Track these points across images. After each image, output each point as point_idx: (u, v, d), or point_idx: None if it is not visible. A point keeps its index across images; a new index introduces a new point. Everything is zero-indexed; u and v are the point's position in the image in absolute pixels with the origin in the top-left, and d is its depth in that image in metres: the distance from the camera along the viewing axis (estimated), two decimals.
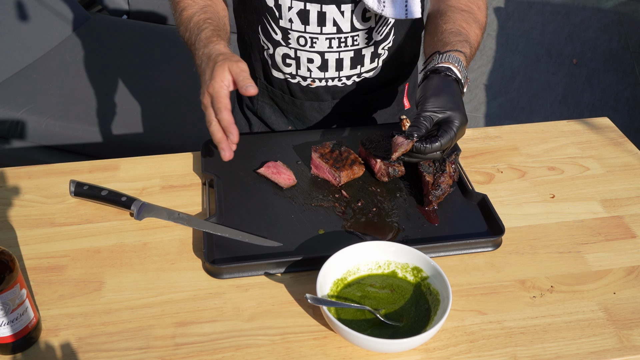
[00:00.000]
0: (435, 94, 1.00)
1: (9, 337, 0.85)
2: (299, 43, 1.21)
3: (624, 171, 1.24)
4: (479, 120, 3.25)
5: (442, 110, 0.99)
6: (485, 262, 1.03)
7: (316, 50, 1.22)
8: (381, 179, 1.15)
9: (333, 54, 1.22)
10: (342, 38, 1.20)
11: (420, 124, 0.99)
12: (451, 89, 1.02)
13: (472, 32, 1.14)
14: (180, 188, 1.17)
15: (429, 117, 0.99)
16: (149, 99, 2.38)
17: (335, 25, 1.18)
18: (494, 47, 3.90)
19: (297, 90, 1.30)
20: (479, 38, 1.16)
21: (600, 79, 3.60)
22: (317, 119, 1.34)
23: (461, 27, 1.13)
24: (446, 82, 1.02)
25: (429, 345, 0.89)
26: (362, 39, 1.21)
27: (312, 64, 1.24)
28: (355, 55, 1.24)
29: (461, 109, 1.00)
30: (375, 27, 1.21)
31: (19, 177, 1.19)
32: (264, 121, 1.41)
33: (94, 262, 1.02)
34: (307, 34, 1.19)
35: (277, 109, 1.37)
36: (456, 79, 1.04)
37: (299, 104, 1.32)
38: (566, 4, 4.43)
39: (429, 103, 1.00)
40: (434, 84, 1.02)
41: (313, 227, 1.06)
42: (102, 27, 2.85)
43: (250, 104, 1.42)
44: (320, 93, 1.30)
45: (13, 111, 2.31)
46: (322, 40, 1.20)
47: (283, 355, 0.88)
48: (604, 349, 0.89)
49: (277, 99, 1.35)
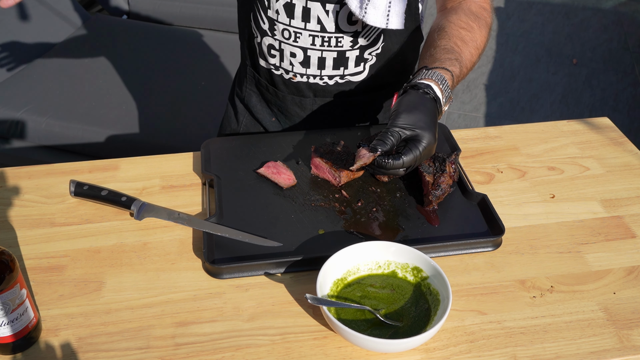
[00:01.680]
0: (407, 110, 0.99)
1: (9, 337, 0.85)
2: (284, 36, 1.21)
3: (624, 171, 1.24)
4: (479, 120, 3.25)
5: (411, 127, 0.98)
6: (485, 262, 1.03)
7: (299, 46, 1.22)
8: (381, 179, 1.15)
9: (316, 51, 1.22)
10: (326, 37, 1.19)
11: (386, 139, 0.98)
12: (426, 107, 1.00)
13: (466, 51, 1.13)
14: (180, 188, 1.17)
15: (396, 133, 0.98)
16: (149, 99, 2.38)
17: (319, 24, 1.18)
18: (494, 47, 3.90)
19: (280, 82, 1.31)
20: (474, 58, 1.15)
21: (600, 79, 3.60)
22: (299, 114, 1.34)
23: (455, 45, 1.12)
24: (423, 99, 1.01)
25: (429, 345, 0.89)
26: (347, 41, 1.21)
27: (294, 58, 1.24)
28: (338, 56, 1.23)
29: (431, 129, 0.99)
30: (361, 32, 1.20)
31: (19, 177, 1.19)
32: (249, 110, 1.41)
33: (94, 262, 1.02)
34: (291, 27, 1.19)
35: (262, 99, 1.38)
36: (434, 97, 1.02)
37: (281, 97, 1.32)
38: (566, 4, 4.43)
39: (400, 119, 0.99)
40: (409, 100, 1.01)
41: (313, 227, 1.06)
42: (102, 27, 2.85)
43: (239, 91, 1.43)
44: (301, 88, 1.30)
45: (13, 111, 2.30)
46: (305, 36, 1.20)
47: (283, 355, 0.88)
48: (604, 349, 0.89)
49: (262, 88, 1.36)
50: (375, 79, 1.29)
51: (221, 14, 3.07)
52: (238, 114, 1.43)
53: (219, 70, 2.58)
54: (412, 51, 1.32)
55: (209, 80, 2.49)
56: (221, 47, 2.70)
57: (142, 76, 2.51)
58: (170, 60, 2.62)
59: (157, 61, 2.62)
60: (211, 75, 2.53)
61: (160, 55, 2.66)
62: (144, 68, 2.56)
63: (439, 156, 1.12)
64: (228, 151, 1.23)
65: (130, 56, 2.64)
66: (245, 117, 1.42)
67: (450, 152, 1.18)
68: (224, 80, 2.49)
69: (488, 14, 1.21)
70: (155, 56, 2.65)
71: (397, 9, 1.12)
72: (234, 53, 2.54)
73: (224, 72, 2.56)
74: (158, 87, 2.45)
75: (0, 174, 1.19)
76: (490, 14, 1.23)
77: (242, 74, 1.42)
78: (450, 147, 1.24)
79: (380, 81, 1.31)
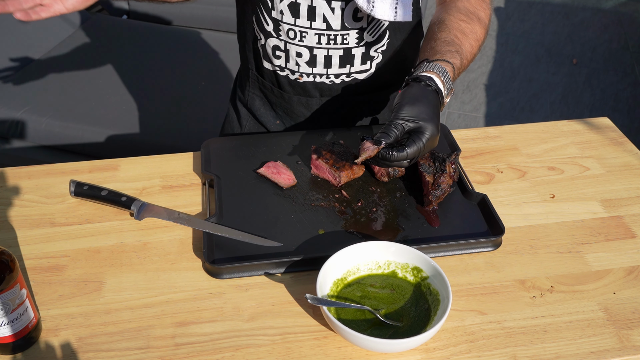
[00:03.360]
0: (410, 103, 1.00)
1: (9, 337, 0.85)
2: (289, 36, 1.21)
3: (624, 171, 1.24)
4: (479, 120, 3.25)
5: (414, 119, 0.99)
6: (485, 262, 1.03)
7: (305, 45, 1.22)
8: (381, 179, 1.15)
9: (322, 50, 1.22)
10: (332, 35, 1.19)
11: (390, 132, 0.98)
12: (428, 99, 1.01)
13: (466, 43, 1.13)
14: (180, 188, 1.17)
15: (400, 125, 0.99)
16: (149, 99, 2.38)
17: (325, 22, 1.18)
18: (494, 47, 3.90)
19: (286, 84, 1.30)
20: (474, 50, 1.15)
21: (600, 79, 3.60)
22: (304, 114, 1.34)
23: (456, 37, 1.12)
24: (425, 92, 1.02)
25: (429, 345, 0.89)
26: (353, 38, 1.21)
27: (300, 58, 1.24)
28: (344, 54, 1.23)
29: (434, 121, 0.99)
30: (367, 28, 1.20)
31: (19, 177, 1.19)
32: (253, 114, 1.40)
33: (94, 262, 1.02)
34: (296, 27, 1.19)
35: (266, 102, 1.38)
36: (436, 89, 1.03)
37: (287, 98, 1.32)
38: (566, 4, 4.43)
39: (403, 111, 0.99)
40: (411, 93, 1.02)
41: (313, 227, 1.06)
42: (102, 27, 2.85)
43: (241, 95, 1.42)
44: (308, 88, 1.29)
45: (13, 111, 2.31)
46: (311, 35, 1.20)
47: (283, 355, 0.88)
48: (604, 349, 0.89)
49: (266, 91, 1.35)
50: (381, 77, 1.30)
51: (221, 14, 3.07)
52: (241, 118, 1.43)
53: (220, 70, 2.58)
54: (415, 47, 1.33)
55: (209, 80, 2.49)
56: (221, 47, 2.70)
57: (143, 76, 2.51)
58: (170, 60, 2.62)
59: (158, 61, 2.62)
60: (211, 75, 2.53)
61: (161, 55, 2.66)
62: (144, 68, 2.56)
63: (439, 156, 1.12)
64: (228, 151, 1.23)
65: (131, 56, 2.64)
66: (249, 121, 1.42)
67: (450, 152, 1.18)
68: (224, 80, 2.49)
69: (487, 6, 1.22)
70: (156, 56, 2.65)
71: (404, 1, 1.12)
72: (235, 53, 2.52)
73: (224, 72, 2.56)
74: (158, 87, 2.45)
75: (0, 174, 1.19)
76: (489, 6, 1.23)
77: (243, 78, 1.41)
78: (450, 147, 1.24)
79: (386, 79, 1.31)
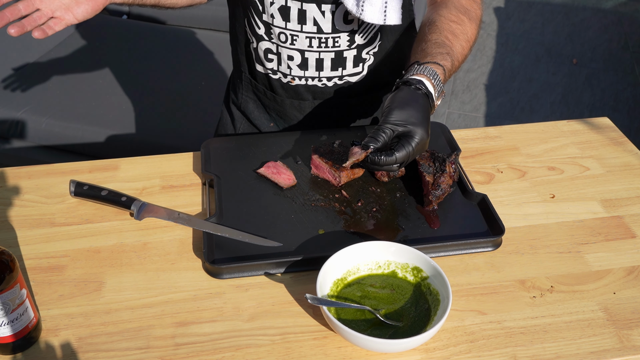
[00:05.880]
0: (399, 107, 1.00)
1: (9, 337, 0.85)
2: (280, 39, 1.21)
3: (624, 171, 1.24)
4: (479, 120, 3.25)
5: (403, 124, 0.98)
6: (485, 262, 1.03)
7: (296, 48, 1.21)
8: (381, 179, 1.15)
9: (313, 53, 1.22)
10: (323, 38, 1.19)
11: (378, 136, 0.98)
12: (418, 103, 1.01)
13: (457, 44, 1.13)
14: (180, 188, 1.17)
15: (388, 130, 0.98)
16: (149, 99, 2.38)
17: (315, 25, 1.18)
18: (494, 47, 3.89)
19: (278, 87, 1.30)
20: (465, 51, 1.15)
21: (600, 79, 3.60)
22: (297, 117, 1.34)
23: (446, 39, 1.11)
24: (414, 95, 1.01)
25: (429, 345, 0.89)
26: (344, 41, 1.20)
27: (292, 62, 1.24)
28: (336, 56, 1.23)
29: (424, 125, 0.99)
30: (358, 31, 1.20)
31: (19, 177, 1.19)
32: (247, 116, 1.40)
33: (94, 262, 1.02)
34: (288, 30, 1.19)
35: (259, 105, 1.37)
36: (426, 93, 1.02)
37: (280, 101, 1.32)
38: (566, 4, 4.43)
39: (392, 116, 0.99)
40: (401, 96, 1.01)
41: (313, 227, 1.06)
42: (102, 27, 2.85)
43: (235, 97, 1.42)
44: (300, 91, 1.29)
45: (13, 111, 2.30)
46: (302, 38, 1.20)
47: (283, 355, 0.88)
48: (604, 349, 0.89)
49: (259, 94, 1.35)
50: (373, 79, 1.29)
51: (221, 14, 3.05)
52: (235, 121, 1.43)
53: (220, 70, 2.58)
54: (408, 48, 1.32)
55: (209, 80, 2.49)
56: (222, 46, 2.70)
57: (143, 76, 2.51)
58: (170, 60, 2.62)
59: (158, 61, 2.62)
60: (211, 75, 2.53)
61: (161, 55, 2.66)
62: (144, 68, 2.56)
63: (439, 156, 1.12)
64: (228, 151, 1.23)
65: (130, 56, 2.64)
66: (242, 124, 1.41)
67: (450, 152, 1.18)
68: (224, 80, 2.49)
69: (478, 6, 1.22)
70: (156, 56, 2.65)
71: (393, 4, 1.12)
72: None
73: (224, 72, 2.56)
74: (158, 87, 2.45)
75: (0, 174, 1.19)
76: (480, 6, 1.23)
77: (236, 80, 1.41)
78: (450, 147, 1.24)
79: (379, 81, 1.31)
